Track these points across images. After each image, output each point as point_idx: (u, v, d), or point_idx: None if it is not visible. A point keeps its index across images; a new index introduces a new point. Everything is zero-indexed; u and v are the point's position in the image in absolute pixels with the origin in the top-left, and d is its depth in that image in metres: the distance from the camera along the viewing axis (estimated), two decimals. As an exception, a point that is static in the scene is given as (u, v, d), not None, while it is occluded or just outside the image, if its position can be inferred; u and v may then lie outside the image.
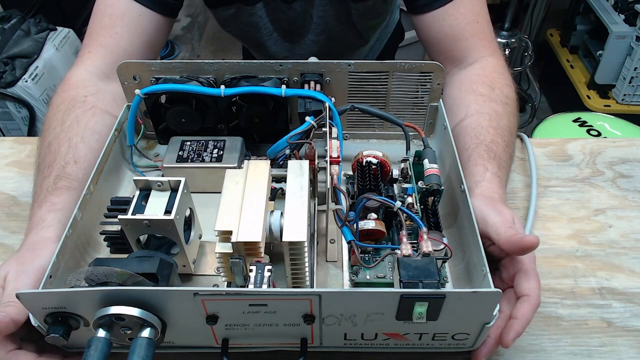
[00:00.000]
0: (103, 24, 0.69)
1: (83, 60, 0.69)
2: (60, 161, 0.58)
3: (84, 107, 0.64)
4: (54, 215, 0.53)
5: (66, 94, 0.65)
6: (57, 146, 0.60)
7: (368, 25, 0.87)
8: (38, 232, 0.52)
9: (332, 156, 0.54)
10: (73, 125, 0.62)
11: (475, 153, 0.59)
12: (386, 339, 0.46)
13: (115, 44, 0.69)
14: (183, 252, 0.51)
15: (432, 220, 0.53)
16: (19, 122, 1.62)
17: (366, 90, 0.64)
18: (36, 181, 0.59)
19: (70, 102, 0.64)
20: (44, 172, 0.58)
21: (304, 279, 0.48)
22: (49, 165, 0.58)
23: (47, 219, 0.53)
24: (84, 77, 0.68)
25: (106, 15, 0.69)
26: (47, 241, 0.50)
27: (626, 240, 0.61)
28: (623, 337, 0.52)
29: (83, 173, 0.58)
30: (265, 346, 0.47)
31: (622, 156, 0.72)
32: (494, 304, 0.41)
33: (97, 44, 0.69)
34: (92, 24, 0.71)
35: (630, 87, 1.74)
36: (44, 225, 0.52)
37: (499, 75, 0.68)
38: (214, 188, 0.57)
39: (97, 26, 0.70)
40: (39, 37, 1.64)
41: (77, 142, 0.60)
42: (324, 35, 0.85)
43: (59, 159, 0.58)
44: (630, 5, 1.69)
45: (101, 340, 0.39)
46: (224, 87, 0.60)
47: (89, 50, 0.69)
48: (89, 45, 0.70)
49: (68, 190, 0.56)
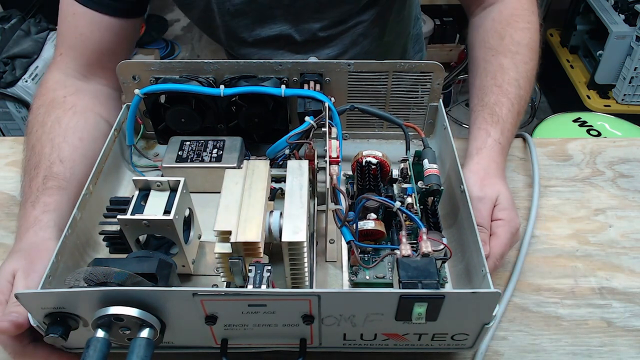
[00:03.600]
0: (68, 23, 0.68)
1: (56, 63, 0.68)
2: (45, 162, 0.58)
3: (64, 107, 0.64)
4: (49, 217, 0.53)
5: (45, 97, 0.65)
6: (41, 147, 0.60)
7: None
8: (37, 232, 0.52)
9: (331, 156, 0.54)
10: (54, 126, 0.61)
11: (480, 116, 0.61)
12: (385, 340, 0.45)
13: (82, 45, 0.68)
14: (182, 252, 0.51)
15: (431, 221, 0.53)
16: (19, 122, 1.62)
17: (366, 90, 0.64)
18: (24, 181, 0.59)
19: (50, 104, 0.64)
20: (31, 173, 0.58)
21: (303, 279, 0.48)
22: (35, 166, 0.58)
23: (43, 219, 0.53)
24: (60, 78, 0.67)
25: (69, 15, 0.67)
26: (49, 242, 0.51)
27: (626, 240, 0.61)
28: (623, 337, 0.52)
29: (70, 172, 0.58)
30: (264, 346, 0.47)
31: (622, 156, 0.72)
32: (493, 305, 0.41)
33: (66, 45, 0.68)
34: (59, 22, 0.69)
35: (630, 87, 1.74)
36: (42, 226, 0.52)
37: (515, 18, 0.67)
38: (213, 188, 0.57)
39: (64, 26, 0.68)
40: (39, 37, 1.64)
41: (60, 142, 0.60)
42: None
43: (44, 159, 0.58)
44: (630, 5, 1.69)
45: (100, 340, 0.39)
46: (223, 87, 0.60)
47: (60, 53, 0.68)
48: (60, 46, 0.69)
49: (58, 190, 0.56)
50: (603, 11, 1.75)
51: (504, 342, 0.52)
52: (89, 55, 0.68)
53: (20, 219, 0.55)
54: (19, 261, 0.49)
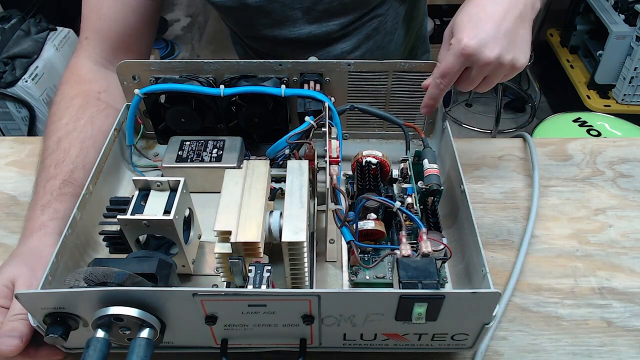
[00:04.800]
0: (91, 6, 0.68)
1: (83, 47, 0.68)
2: (68, 164, 0.57)
3: (98, 106, 0.63)
4: (56, 224, 0.52)
5: (80, 87, 0.64)
6: (68, 146, 0.59)
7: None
8: (41, 238, 0.51)
9: (331, 156, 0.54)
10: (87, 126, 0.61)
11: None
12: (385, 340, 0.46)
13: (106, 27, 0.68)
14: (182, 252, 0.50)
15: (431, 221, 0.53)
16: (19, 122, 1.61)
17: (366, 90, 0.64)
18: (40, 176, 0.57)
19: (85, 98, 0.63)
20: (50, 171, 0.57)
21: (303, 280, 0.48)
22: (56, 163, 0.57)
23: (50, 226, 0.52)
24: (92, 68, 0.67)
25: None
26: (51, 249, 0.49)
27: (626, 240, 0.61)
28: (623, 337, 0.52)
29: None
30: (264, 346, 0.47)
31: (622, 156, 0.72)
32: (493, 305, 0.41)
33: (90, 28, 0.68)
34: (83, 6, 0.69)
35: (630, 87, 1.74)
36: (47, 232, 0.52)
37: None
38: (213, 188, 0.57)
39: (87, 9, 0.68)
40: (39, 37, 1.64)
41: (89, 145, 0.60)
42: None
43: (67, 160, 0.57)
44: (630, 5, 1.69)
45: (100, 340, 0.39)
46: (223, 86, 0.60)
47: (86, 37, 0.68)
48: (85, 30, 0.69)
49: (73, 197, 0.55)
50: (603, 11, 1.75)
51: (504, 342, 0.52)
52: (114, 37, 0.68)
53: (27, 221, 0.54)
54: (19, 267, 0.48)
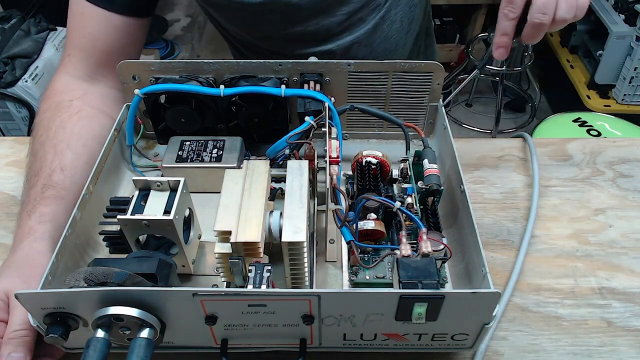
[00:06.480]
0: (76, 23, 0.67)
1: (64, 65, 0.68)
2: (46, 169, 0.58)
3: (69, 111, 0.63)
4: (44, 228, 0.52)
5: (51, 100, 0.65)
6: (43, 154, 0.59)
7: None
8: (31, 243, 0.51)
9: (331, 156, 0.54)
10: (58, 132, 0.61)
11: None
12: (385, 340, 0.45)
13: (90, 45, 0.67)
14: (182, 252, 0.50)
15: (431, 221, 0.53)
16: (19, 122, 1.62)
17: (366, 90, 0.64)
18: (24, 189, 0.58)
19: (56, 107, 0.64)
20: (31, 180, 0.57)
21: (303, 280, 0.48)
22: (35, 173, 0.58)
23: (38, 230, 0.52)
24: (68, 81, 0.67)
25: (77, 14, 0.67)
26: (42, 256, 0.50)
27: (626, 240, 0.61)
28: (623, 337, 0.52)
29: (70, 181, 0.57)
30: (264, 346, 0.47)
31: (622, 156, 0.72)
32: (493, 305, 0.41)
33: (74, 45, 0.68)
34: (68, 22, 0.68)
35: (630, 87, 1.74)
36: (36, 237, 0.51)
37: None
38: (213, 188, 0.57)
39: (72, 26, 0.68)
40: (39, 37, 1.64)
41: (63, 148, 0.59)
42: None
43: (45, 167, 0.58)
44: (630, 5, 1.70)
45: (100, 340, 0.39)
46: (223, 87, 0.60)
47: (68, 54, 0.68)
48: (68, 47, 0.69)
49: (56, 199, 0.55)
50: (603, 11, 1.75)
51: (504, 342, 0.52)
52: (97, 55, 0.67)
53: (17, 228, 0.54)
54: (12, 279, 0.48)
